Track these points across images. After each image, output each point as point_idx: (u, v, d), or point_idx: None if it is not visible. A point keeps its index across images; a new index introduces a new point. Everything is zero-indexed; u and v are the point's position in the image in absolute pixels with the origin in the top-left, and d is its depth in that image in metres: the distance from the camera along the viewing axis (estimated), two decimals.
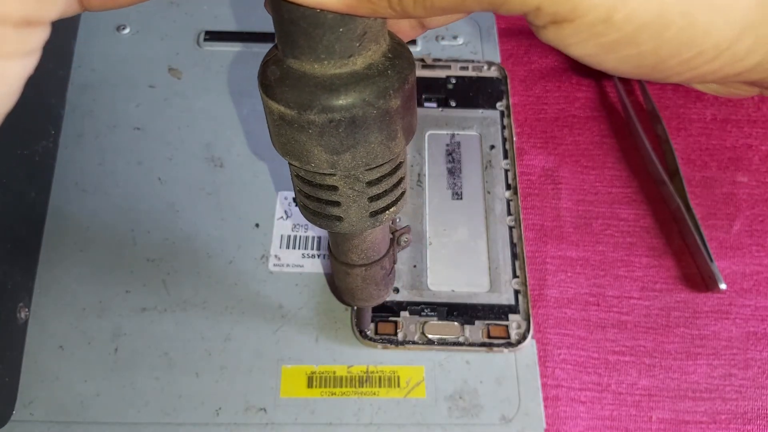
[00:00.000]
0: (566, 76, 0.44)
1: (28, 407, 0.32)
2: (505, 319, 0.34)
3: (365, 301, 0.29)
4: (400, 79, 0.19)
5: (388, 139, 0.20)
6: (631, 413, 0.34)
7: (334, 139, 0.20)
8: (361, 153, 0.20)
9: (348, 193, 0.22)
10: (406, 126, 0.21)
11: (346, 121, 0.19)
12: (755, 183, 0.40)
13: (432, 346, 0.33)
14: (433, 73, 0.42)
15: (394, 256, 0.28)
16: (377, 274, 0.28)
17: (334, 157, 0.20)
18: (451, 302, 0.34)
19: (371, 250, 0.26)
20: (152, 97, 0.41)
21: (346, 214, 0.23)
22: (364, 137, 0.20)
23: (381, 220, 0.23)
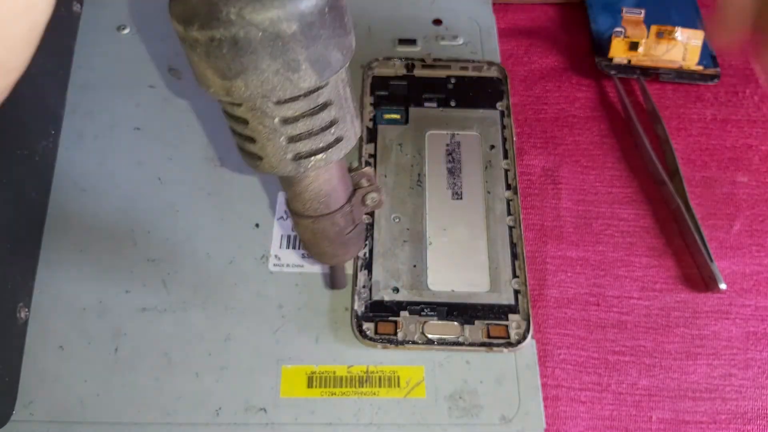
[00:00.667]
0: (566, 76, 0.44)
1: (28, 407, 0.32)
2: (505, 319, 0.34)
3: (321, 257, 0.28)
4: (296, 1, 0.18)
5: (287, 69, 0.19)
6: (631, 413, 0.34)
7: (221, 62, 0.19)
8: (253, 81, 0.19)
9: (259, 129, 0.21)
10: (315, 57, 0.19)
11: (227, 40, 0.18)
12: (755, 183, 0.40)
13: (432, 346, 0.33)
14: (434, 72, 0.42)
15: (354, 215, 0.26)
16: (328, 229, 0.26)
17: (227, 83, 0.19)
18: (450, 302, 0.34)
19: (316, 201, 0.25)
20: (152, 97, 0.41)
21: (264, 153, 0.22)
22: (252, 63, 0.18)
23: (305, 166, 0.22)
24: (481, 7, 0.45)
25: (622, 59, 0.43)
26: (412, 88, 0.41)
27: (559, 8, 0.48)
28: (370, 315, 0.33)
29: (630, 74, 0.43)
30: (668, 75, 0.43)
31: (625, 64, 0.43)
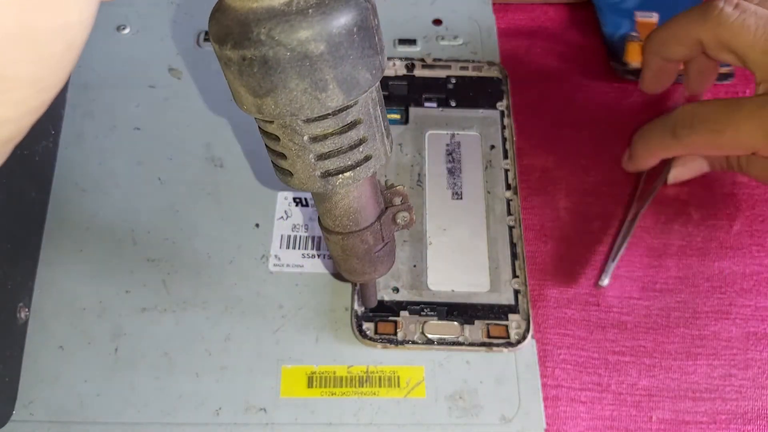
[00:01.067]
0: (566, 76, 0.44)
1: (28, 407, 0.32)
2: (505, 319, 0.34)
3: (350, 274, 0.28)
4: (324, 22, 0.18)
5: (314, 88, 0.19)
6: (631, 413, 0.34)
7: (252, 80, 0.19)
8: (282, 100, 0.19)
9: (290, 146, 0.21)
10: (342, 77, 0.19)
11: (258, 60, 0.18)
12: (755, 183, 0.40)
13: (432, 345, 0.33)
14: (433, 72, 0.42)
15: (383, 233, 0.27)
16: (357, 247, 0.26)
17: (258, 101, 0.20)
18: (450, 302, 0.34)
19: (346, 218, 0.25)
20: (152, 97, 0.41)
21: (294, 169, 0.22)
22: (281, 81, 0.19)
23: (333, 183, 0.22)
24: (481, 7, 0.45)
25: (637, 63, 0.43)
26: (412, 88, 0.41)
27: (560, 8, 0.48)
28: (370, 315, 0.33)
29: None
30: (683, 75, 0.43)
31: (640, 69, 0.43)
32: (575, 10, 0.47)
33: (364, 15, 0.19)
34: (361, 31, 0.19)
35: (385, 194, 0.27)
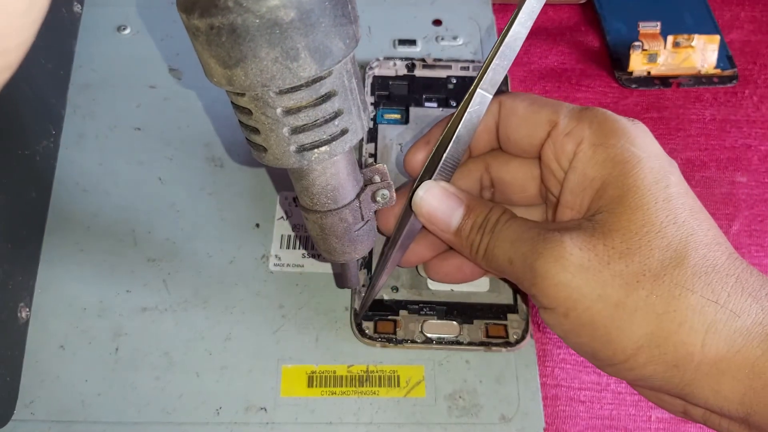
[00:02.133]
0: (565, 76, 0.45)
1: (29, 407, 0.32)
2: (504, 319, 0.34)
3: (329, 254, 0.28)
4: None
5: (285, 57, 0.18)
6: (631, 413, 0.34)
7: (221, 50, 0.18)
8: (253, 70, 0.19)
9: (262, 120, 0.21)
10: (314, 46, 0.19)
11: (226, 28, 0.18)
12: (754, 183, 0.40)
13: (431, 345, 0.33)
14: (434, 73, 0.42)
15: (363, 211, 0.26)
16: (336, 225, 0.26)
17: (228, 72, 0.19)
18: (450, 301, 0.34)
19: (323, 196, 0.25)
20: (153, 97, 0.41)
21: (268, 144, 0.21)
22: (251, 51, 0.18)
23: (309, 158, 0.22)
24: (481, 8, 0.45)
25: (641, 72, 0.43)
26: (413, 88, 0.41)
27: (559, 9, 0.48)
28: (369, 314, 0.34)
29: (650, 86, 0.43)
30: (688, 82, 0.43)
31: (644, 77, 0.43)
32: (576, 11, 0.47)
33: None
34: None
35: (364, 172, 0.27)
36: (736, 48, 0.45)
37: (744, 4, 0.48)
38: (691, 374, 0.22)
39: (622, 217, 0.23)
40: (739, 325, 0.22)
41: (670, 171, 0.25)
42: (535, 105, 0.28)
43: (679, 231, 0.23)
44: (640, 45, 0.43)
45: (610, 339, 0.23)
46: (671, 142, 0.42)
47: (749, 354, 0.21)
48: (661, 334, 0.22)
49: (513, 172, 0.30)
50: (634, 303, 0.22)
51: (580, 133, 0.26)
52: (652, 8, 0.46)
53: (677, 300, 0.22)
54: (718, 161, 0.41)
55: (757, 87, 0.44)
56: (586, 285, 0.23)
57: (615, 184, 0.24)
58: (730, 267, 0.23)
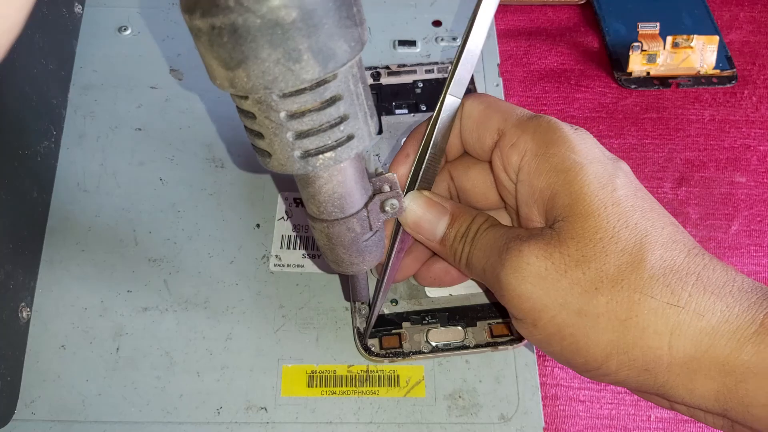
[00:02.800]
0: (565, 77, 0.45)
1: (30, 406, 0.32)
2: (506, 316, 0.34)
3: (337, 265, 0.27)
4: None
5: (288, 59, 0.18)
6: (630, 412, 0.34)
7: (223, 51, 0.18)
8: (255, 71, 0.18)
9: (266, 124, 0.20)
10: (317, 47, 0.18)
11: (227, 28, 0.18)
12: (753, 183, 0.41)
13: (439, 353, 0.33)
14: (400, 79, 0.41)
15: (371, 221, 0.26)
16: (344, 235, 0.25)
17: (230, 74, 0.19)
18: (450, 307, 0.34)
19: (330, 204, 0.24)
20: (154, 98, 0.41)
21: (272, 149, 0.21)
22: (252, 51, 0.18)
23: (314, 164, 0.21)
24: None
25: (641, 72, 0.43)
26: (381, 97, 0.40)
27: (558, 10, 0.48)
28: (372, 330, 0.33)
29: (649, 86, 0.43)
30: (687, 83, 0.43)
31: (644, 77, 0.43)
32: (575, 11, 0.48)
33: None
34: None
35: (374, 181, 0.26)
36: (735, 48, 0.46)
37: (743, 5, 0.48)
38: (664, 376, 0.22)
39: (576, 224, 0.23)
40: (704, 325, 0.22)
41: (615, 174, 0.24)
42: (489, 110, 0.28)
43: (632, 234, 0.23)
44: (639, 45, 0.43)
45: (579, 347, 0.23)
46: (670, 143, 0.42)
47: (718, 353, 0.21)
48: (626, 340, 0.22)
49: (473, 179, 0.30)
50: (595, 310, 0.22)
51: (523, 145, 0.26)
52: (651, 9, 0.46)
53: (638, 305, 0.22)
54: (717, 161, 0.41)
55: (756, 87, 0.44)
56: (546, 295, 0.23)
57: (562, 192, 0.24)
58: (690, 265, 0.23)
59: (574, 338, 0.23)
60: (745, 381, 0.21)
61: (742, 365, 0.21)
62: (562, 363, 0.25)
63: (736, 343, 0.21)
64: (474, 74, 0.42)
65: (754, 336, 0.21)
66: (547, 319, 0.23)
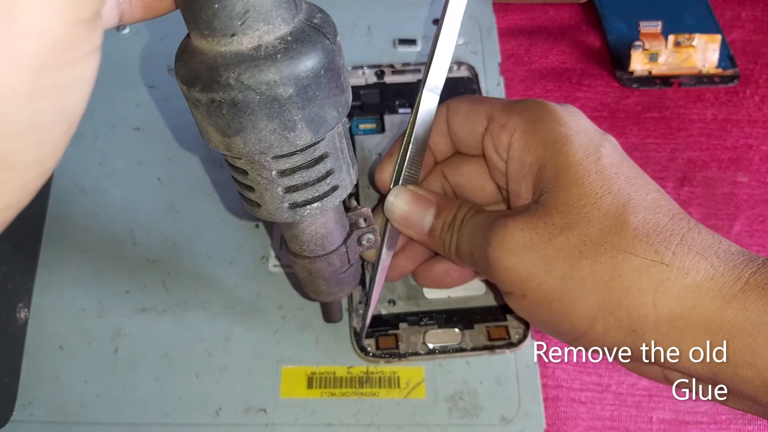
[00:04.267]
0: (566, 76, 0.44)
1: (28, 408, 0.32)
2: (504, 320, 0.33)
3: (316, 294, 0.29)
4: (292, 66, 0.18)
5: (283, 128, 0.19)
6: (632, 413, 0.34)
7: (221, 120, 0.19)
8: (251, 139, 0.19)
9: (258, 180, 0.21)
10: (310, 117, 0.20)
11: (227, 102, 0.19)
12: (756, 183, 0.40)
13: (435, 355, 0.33)
14: (404, 78, 0.41)
15: (349, 255, 0.27)
16: (324, 269, 0.27)
17: (227, 140, 0.20)
18: (448, 308, 0.34)
19: (312, 243, 0.25)
20: (152, 97, 0.41)
21: (262, 201, 0.22)
22: (251, 123, 0.19)
23: (301, 214, 0.23)
24: (481, 7, 0.45)
25: (642, 71, 0.43)
26: (385, 96, 0.40)
27: (559, 8, 0.47)
28: (369, 330, 0.33)
29: (651, 86, 0.43)
30: (689, 82, 0.43)
31: (645, 76, 0.43)
32: (576, 11, 0.47)
33: (330, 57, 0.19)
34: (328, 72, 0.19)
35: (350, 216, 0.27)
36: (738, 48, 0.45)
37: (745, 4, 0.47)
38: (650, 336, 0.22)
39: (560, 194, 0.24)
40: (689, 283, 0.21)
41: (600, 144, 0.25)
42: (476, 103, 0.29)
43: (615, 199, 0.23)
44: (641, 44, 0.42)
45: (566, 312, 0.23)
46: (672, 142, 0.42)
47: (703, 311, 0.21)
48: (611, 300, 0.22)
49: (467, 174, 0.30)
50: (580, 273, 0.23)
51: (512, 124, 0.26)
52: (653, 8, 0.46)
53: (621, 265, 0.22)
54: (720, 161, 0.41)
55: (759, 87, 0.44)
56: (531, 263, 0.24)
57: (549, 164, 0.25)
58: (674, 227, 0.23)
59: (561, 303, 0.23)
60: (732, 339, 0.21)
61: (728, 323, 0.21)
62: (552, 333, 0.25)
63: (722, 300, 0.21)
64: (476, 73, 0.42)
65: (739, 293, 0.21)
66: (534, 288, 0.24)
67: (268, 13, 0.18)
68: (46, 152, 0.15)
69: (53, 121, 0.15)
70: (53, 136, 0.15)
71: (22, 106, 0.13)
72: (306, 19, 0.19)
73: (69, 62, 0.14)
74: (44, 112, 0.14)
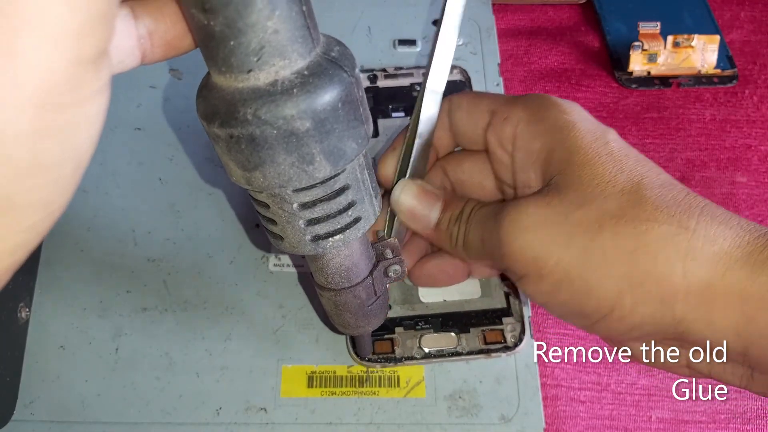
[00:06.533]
0: (566, 76, 0.45)
1: (29, 407, 0.32)
2: (500, 323, 0.33)
3: (344, 327, 0.29)
4: (308, 100, 0.18)
5: (302, 162, 0.20)
6: (631, 413, 0.34)
7: (240, 155, 0.19)
8: (271, 173, 0.20)
9: (279, 213, 0.22)
10: (329, 150, 0.20)
11: (245, 138, 0.19)
12: (754, 183, 0.40)
13: (430, 359, 0.33)
14: (397, 82, 0.41)
15: (376, 287, 0.27)
16: (350, 302, 0.26)
17: (247, 174, 0.20)
18: (444, 312, 0.34)
19: (337, 276, 0.25)
20: (153, 97, 0.41)
21: (285, 234, 0.22)
22: (269, 157, 0.19)
23: (324, 246, 0.23)
24: (481, 7, 0.45)
25: (641, 72, 0.43)
26: (378, 100, 0.40)
27: (559, 9, 0.48)
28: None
29: (650, 86, 0.43)
30: (688, 82, 0.43)
31: (644, 77, 0.43)
32: (576, 11, 0.47)
33: (348, 90, 0.19)
34: (346, 105, 0.19)
35: (376, 247, 0.27)
36: (736, 48, 0.45)
37: (744, 4, 0.48)
38: (681, 308, 0.21)
39: (572, 175, 0.24)
40: (717, 250, 0.21)
41: (607, 131, 0.25)
42: (477, 98, 0.29)
43: (628, 177, 0.23)
44: (640, 45, 0.43)
45: (590, 288, 0.22)
46: (671, 142, 0.42)
47: (734, 278, 0.20)
48: (638, 270, 0.21)
49: (468, 171, 0.30)
50: (602, 246, 0.22)
51: (516, 116, 0.27)
52: (651, 8, 0.46)
53: (645, 234, 0.21)
54: (718, 161, 0.41)
55: (757, 87, 0.44)
56: (548, 240, 0.23)
57: (558, 148, 0.25)
58: (692, 201, 0.22)
59: (583, 280, 0.22)
60: (765, 308, 0.20)
61: (758, 291, 0.20)
62: (573, 317, 0.24)
63: (752, 267, 0.20)
64: (474, 74, 0.42)
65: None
66: (552, 265, 0.23)
67: (283, 49, 0.18)
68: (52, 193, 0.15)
69: (59, 161, 0.15)
70: (60, 176, 0.15)
71: (24, 146, 0.13)
72: (323, 52, 0.19)
73: (73, 102, 0.14)
74: (49, 151, 0.14)
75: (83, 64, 0.14)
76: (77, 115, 0.14)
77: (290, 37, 0.18)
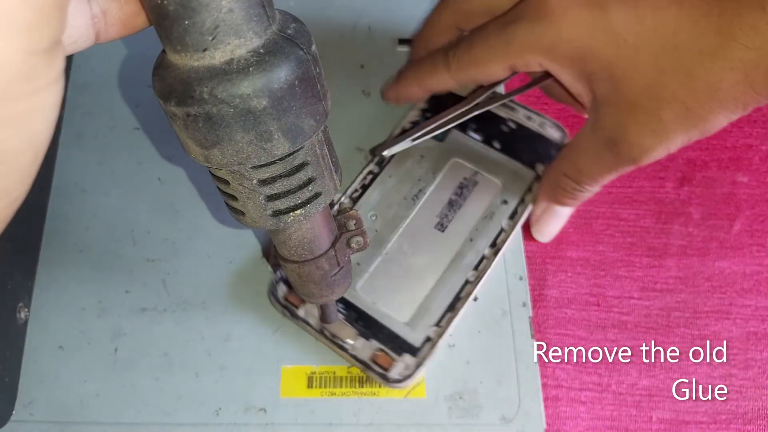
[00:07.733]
0: None
1: (28, 407, 0.32)
2: (399, 355, 0.32)
3: (308, 297, 0.29)
4: (265, 78, 0.18)
5: (260, 140, 0.20)
6: (632, 413, 0.34)
7: (198, 133, 0.19)
8: (229, 151, 0.20)
9: (240, 189, 0.22)
10: (287, 127, 0.20)
11: (202, 116, 0.19)
12: (755, 183, 0.40)
13: (320, 335, 0.32)
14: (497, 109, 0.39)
15: (338, 258, 0.27)
16: (313, 273, 0.27)
17: (205, 152, 0.20)
18: (364, 310, 0.33)
19: (300, 248, 0.26)
20: (152, 97, 0.41)
21: (246, 209, 0.23)
22: (227, 135, 0.19)
23: (285, 221, 0.23)
24: None
25: None
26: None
27: None
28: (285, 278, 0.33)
29: None
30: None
31: None
32: None
33: (304, 67, 0.19)
34: (303, 82, 0.19)
35: (339, 219, 0.27)
36: None
37: None
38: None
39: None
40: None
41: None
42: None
43: None
44: None
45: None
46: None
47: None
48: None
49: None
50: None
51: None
52: None
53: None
54: (719, 161, 0.41)
55: None
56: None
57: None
58: None
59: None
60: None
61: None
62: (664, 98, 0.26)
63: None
64: None
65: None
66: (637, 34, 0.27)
67: (238, 27, 0.18)
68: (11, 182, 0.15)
69: (17, 151, 0.15)
70: (18, 165, 0.15)
71: None
72: (279, 30, 0.19)
73: (29, 92, 0.14)
74: (6, 142, 0.14)
75: (37, 54, 0.14)
76: (33, 104, 0.14)
77: (245, 15, 0.18)
